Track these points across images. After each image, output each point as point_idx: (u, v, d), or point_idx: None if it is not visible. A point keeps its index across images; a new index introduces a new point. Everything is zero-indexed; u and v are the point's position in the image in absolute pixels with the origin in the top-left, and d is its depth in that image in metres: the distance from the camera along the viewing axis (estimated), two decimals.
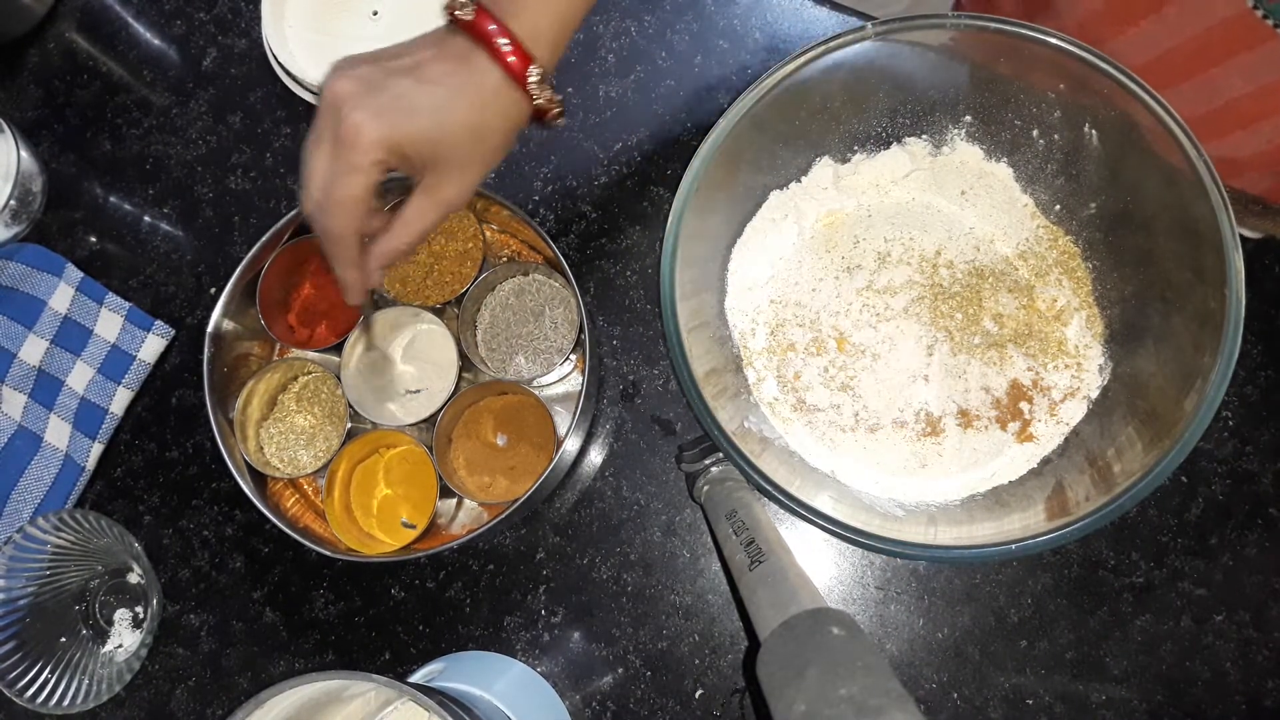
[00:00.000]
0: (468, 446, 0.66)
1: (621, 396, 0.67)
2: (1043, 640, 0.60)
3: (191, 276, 0.74)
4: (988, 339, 0.59)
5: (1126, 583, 0.60)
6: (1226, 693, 0.58)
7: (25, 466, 0.70)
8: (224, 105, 0.77)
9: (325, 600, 0.66)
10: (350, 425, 0.65)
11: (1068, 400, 0.58)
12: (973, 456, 0.58)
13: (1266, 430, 0.61)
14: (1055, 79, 0.54)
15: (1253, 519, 0.60)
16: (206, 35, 0.79)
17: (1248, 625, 0.59)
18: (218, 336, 0.64)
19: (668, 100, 0.71)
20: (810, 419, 0.60)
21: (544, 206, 0.70)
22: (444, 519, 0.66)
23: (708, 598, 0.63)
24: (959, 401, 0.59)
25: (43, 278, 0.73)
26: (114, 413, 0.71)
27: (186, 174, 0.76)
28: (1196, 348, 0.49)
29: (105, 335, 0.72)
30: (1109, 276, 0.59)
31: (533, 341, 0.66)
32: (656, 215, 0.69)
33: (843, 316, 0.60)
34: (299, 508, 0.66)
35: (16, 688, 0.63)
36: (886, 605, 0.62)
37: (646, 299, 0.68)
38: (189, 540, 0.69)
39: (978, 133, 0.61)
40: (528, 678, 0.62)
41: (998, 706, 0.60)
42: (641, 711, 0.62)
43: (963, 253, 0.61)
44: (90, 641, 0.68)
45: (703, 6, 0.72)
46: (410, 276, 0.66)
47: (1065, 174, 0.59)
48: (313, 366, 0.66)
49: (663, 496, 0.65)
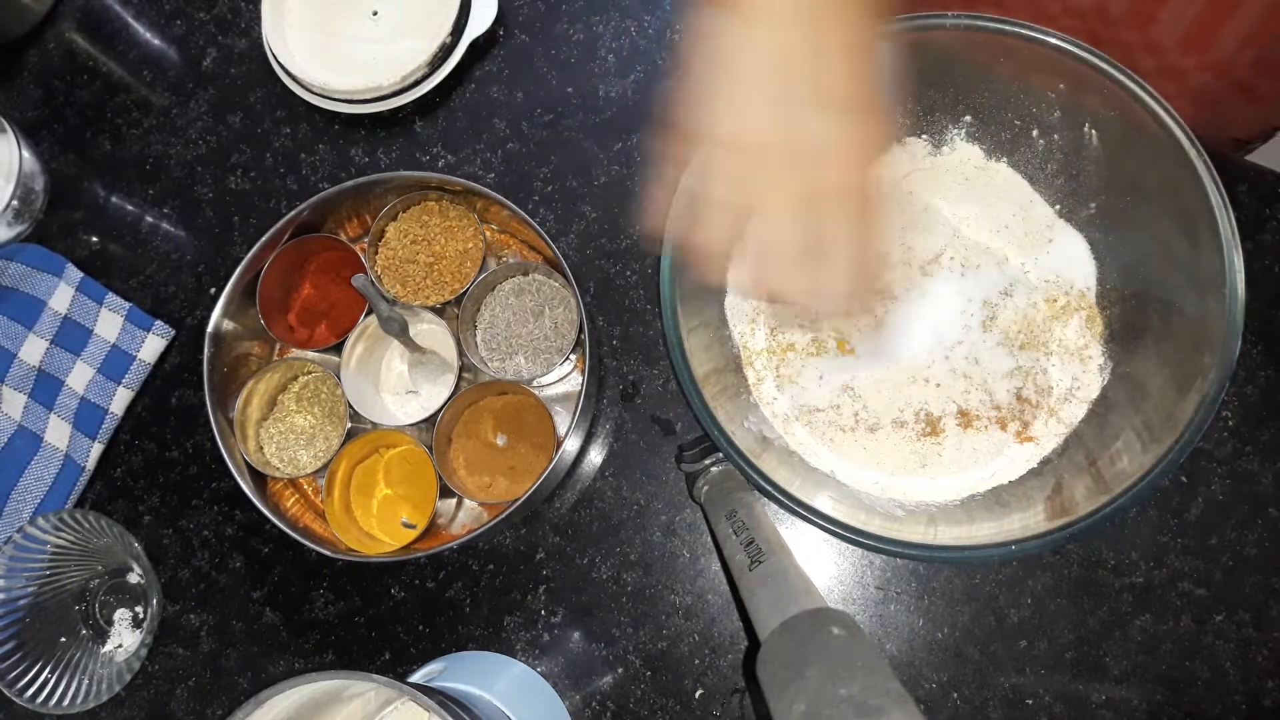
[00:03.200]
0: (468, 446, 0.66)
1: (621, 396, 0.67)
2: (1043, 640, 0.60)
3: (191, 276, 0.74)
4: (987, 339, 0.59)
5: (1126, 583, 0.60)
6: (1226, 693, 0.58)
7: (25, 466, 0.70)
8: (224, 105, 0.77)
9: (325, 600, 0.66)
10: (350, 425, 0.65)
11: (1068, 400, 0.58)
12: (973, 456, 0.58)
13: (1266, 430, 0.61)
14: (1055, 79, 0.54)
15: (1253, 519, 0.60)
16: (206, 35, 0.79)
17: (1248, 625, 0.59)
18: (218, 336, 0.64)
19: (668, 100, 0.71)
20: (810, 419, 0.60)
21: (544, 206, 0.70)
22: (444, 519, 0.66)
23: (708, 598, 0.63)
24: (959, 401, 0.59)
25: (43, 278, 0.73)
26: (114, 413, 0.71)
27: (186, 174, 0.76)
28: (1196, 348, 0.49)
29: (105, 335, 0.72)
30: (1109, 277, 0.59)
31: (533, 341, 0.66)
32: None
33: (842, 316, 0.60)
34: (299, 508, 0.66)
35: (16, 688, 0.63)
36: (886, 605, 0.62)
37: (646, 299, 0.68)
38: (189, 540, 0.69)
39: (978, 133, 0.61)
40: (528, 678, 0.62)
41: (998, 706, 0.60)
42: (641, 711, 0.62)
43: (962, 253, 0.61)
44: (90, 641, 0.68)
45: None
46: (410, 276, 0.66)
47: (1065, 174, 0.59)
48: (313, 366, 0.66)
49: (663, 496, 0.65)
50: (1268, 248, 0.63)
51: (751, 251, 0.42)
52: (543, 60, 0.73)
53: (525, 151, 0.72)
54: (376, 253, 0.67)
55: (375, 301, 0.62)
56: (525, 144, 0.72)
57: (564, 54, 0.73)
